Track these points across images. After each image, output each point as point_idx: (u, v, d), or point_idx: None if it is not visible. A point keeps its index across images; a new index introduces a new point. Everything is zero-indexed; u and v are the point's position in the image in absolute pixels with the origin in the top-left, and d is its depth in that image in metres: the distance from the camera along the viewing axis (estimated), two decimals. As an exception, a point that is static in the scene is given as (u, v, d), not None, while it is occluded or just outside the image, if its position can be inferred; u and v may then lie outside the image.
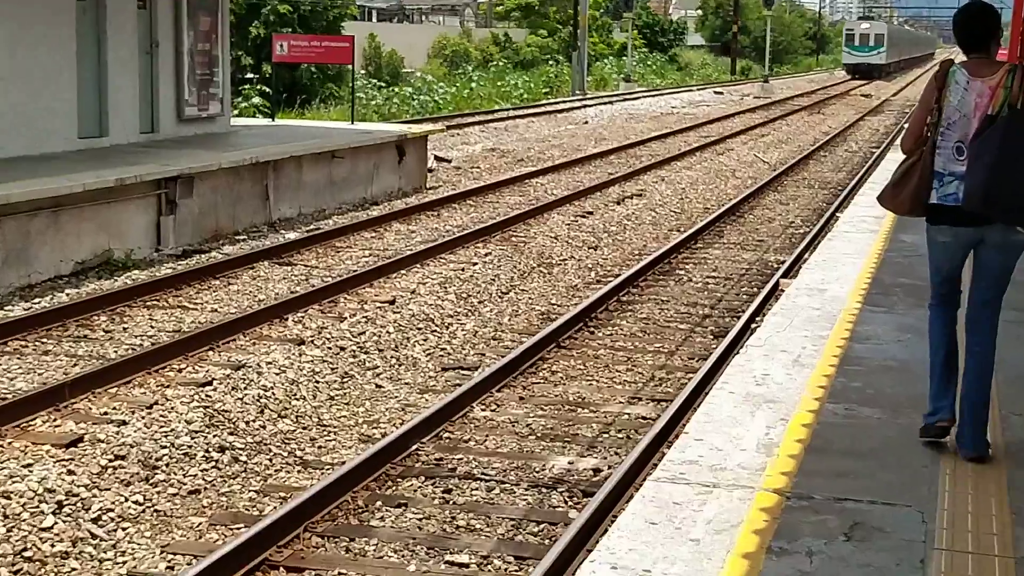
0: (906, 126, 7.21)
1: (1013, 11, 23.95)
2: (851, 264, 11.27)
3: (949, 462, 6.17)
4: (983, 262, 6.43)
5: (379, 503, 8.04)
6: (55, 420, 9.30)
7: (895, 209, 6.81)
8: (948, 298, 6.67)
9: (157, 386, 10.20)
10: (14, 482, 8.00)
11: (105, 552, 7.32)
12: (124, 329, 12.16)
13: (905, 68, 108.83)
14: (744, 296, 14.49)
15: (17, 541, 7.28)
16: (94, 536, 7.48)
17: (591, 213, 20.14)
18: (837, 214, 18.15)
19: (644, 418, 9.89)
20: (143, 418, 9.37)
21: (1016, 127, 6.02)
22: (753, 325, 11.90)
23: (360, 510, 7.94)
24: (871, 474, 5.97)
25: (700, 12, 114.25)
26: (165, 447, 8.83)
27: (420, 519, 7.84)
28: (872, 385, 7.41)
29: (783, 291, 11.24)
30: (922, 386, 6.64)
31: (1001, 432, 6.63)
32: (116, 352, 11.25)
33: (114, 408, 9.62)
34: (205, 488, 8.32)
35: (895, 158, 20.72)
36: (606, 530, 6.95)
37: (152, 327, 12.26)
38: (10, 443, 8.73)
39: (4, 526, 7.42)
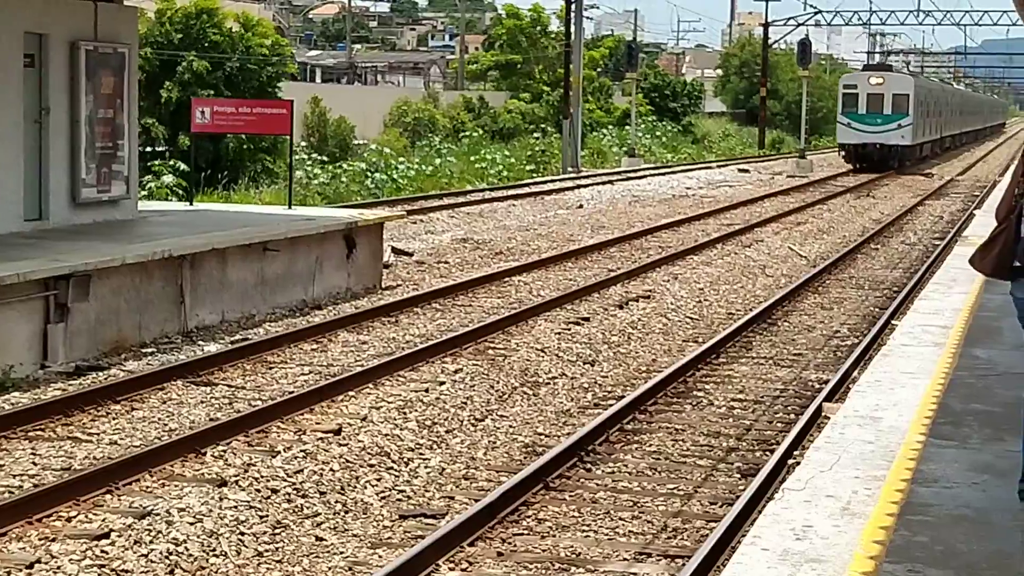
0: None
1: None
2: (912, 386, 11.19)
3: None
4: None
5: None
6: (-92, 585, 9.17)
7: (981, 269, 8.45)
8: None
9: (40, 539, 10.05)
10: None
11: None
12: (0, 467, 12.03)
13: (951, 149, 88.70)
14: (779, 425, 14.38)
15: None
16: None
17: (587, 320, 20.11)
18: (893, 322, 18.15)
19: (655, 580, 9.78)
20: (22, 581, 9.24)
21: None
22: (791, 462, 11.83)
23: None
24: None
25: (720, 72, 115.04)
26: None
27: None
28: (941, 540, 7.30)
29: (828, 419, 11.16)
30: (1008, 542, 6.97)
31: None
32: (-12, 496, 11.11)
33: (-15, 569, 9.49)
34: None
35: (965, 253, 20.86)
36: None
37: (35, 463, 12.09)
38: None
39: None
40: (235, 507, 10.99)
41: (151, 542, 10.09)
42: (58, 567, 9.50)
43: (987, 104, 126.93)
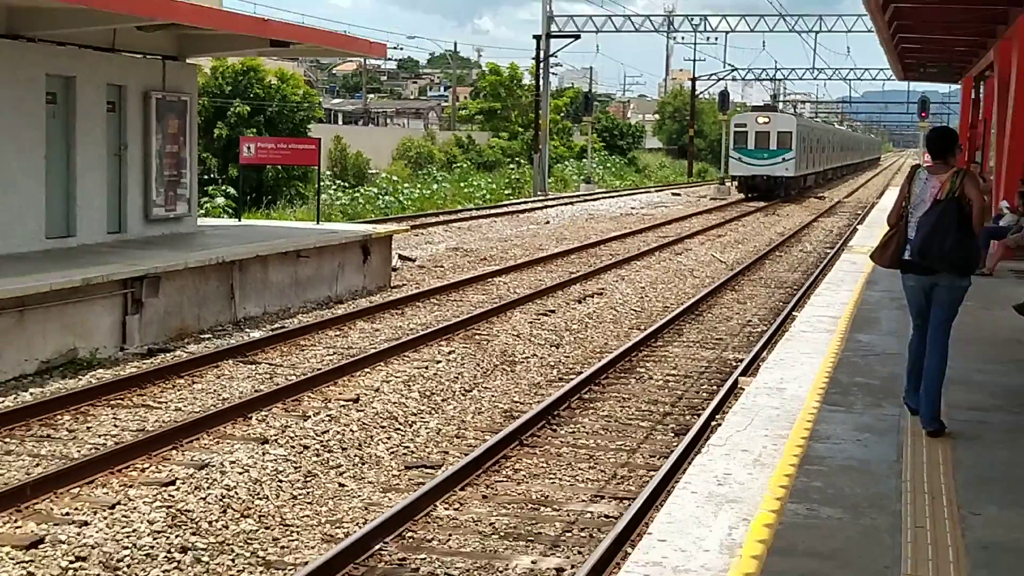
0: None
1: (959, 129, 24.51)
2: (809, 363, 11.24)
3: (910, 565, 6.09)
4: (937, 298, 8.91)
5: (341, 604, 7.89)
6: (16, 521, 9.14)
7: (881, 263, 9.37)
8: (921, 327, 9.12)
9: (120, 486, 10.05)
10: (-27, 585, 7.80)
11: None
12: (88, 428, 12.00)
13: (834, 179, 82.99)
14: (704, 394, 14.42)
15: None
16: (52, 640, 7.29)
17: (553, 312, 20.13)
18: (794, 314, 18.20)
19: (607, 517, 9.78)
20: (105, 519, 9.23)
21: (948, 208, 8.59)
22: (713, 423, 11.86)
23: (322, 612, 7.78)
24: (834, 575, 5.88)
25: (657, 116, 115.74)
26: (127, 548, 8.68)
27: (383, 621, 7.69)
28: (832, 485, 7.35)
29: (742, 390, 11.20)
30: (882, 486, 7.14)
31: (962, 534, 6.56)
32: (79, 452, 11.09)
33: (76, 509, 9.47)
34: (166, 590, 8.16)
35: (850, 259, 20.92)
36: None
37: (116, 426, 12.10)
38: (-30, 545, 8.55)
39: (-40, 630, 7.22)
40: (274, 460, 11.02)
41: (208, 487, 10.11)
42: (134, 508, 9.50)
43: (865, 142, 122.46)
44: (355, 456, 11.43)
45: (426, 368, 15.15)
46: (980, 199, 8.76)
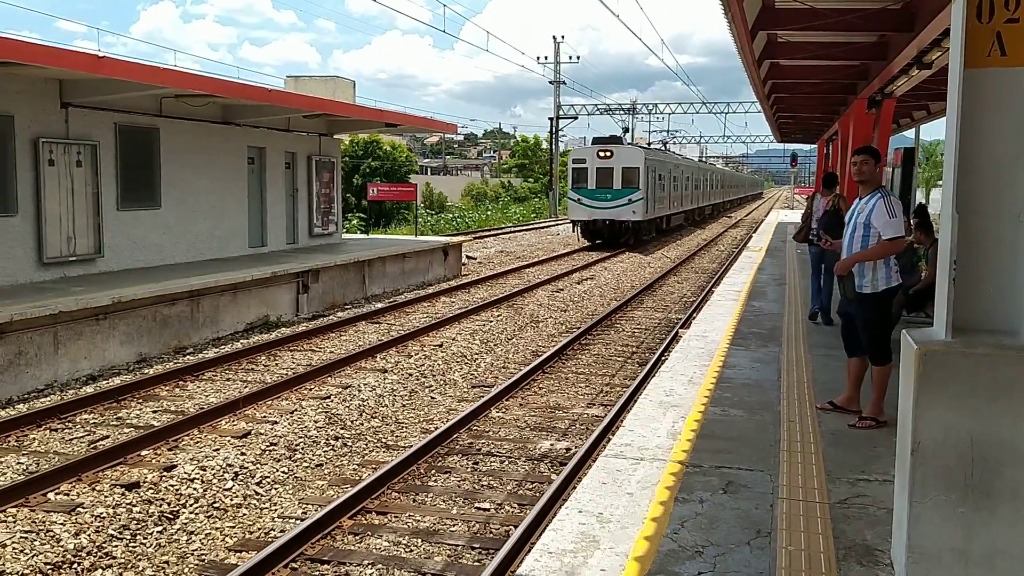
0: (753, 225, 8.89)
1: (817, 164, 24.03)
2: (722, 320, 11.21)
3: (786, 444, 6.08)
4: (827, 259, 10.11)
5: (433, 471, 7.94)
6: (233, 421, 9.25)
7: (796, 239, 11.82)
8: (817, 269, 10.97)
9: (296, 399, 10.15)
10: (208, 459, 7.91)
11: (263, 504, 7.23)
12: (276, 364, 12.11)
13: (714, 215, 55.01)
14: (657, 340, 14.40)
15: (210, 496, 7.19)
16: (257, 494, 7.38)
17: (562, 290, 20.10)
18: (713, 289, 18.10)
19: (597, 416, 9.80)
20: (288, 419, 9.32)
21: (831, 213, 10.28)
22: (663, 358, 11.83)
23: (422, 475, 7.84)
24: (738, 451, 5.89)
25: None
26: (301, 437, 8.77)
27: (459, 481, 7.74)
28: (737, 395, 7.34)
29: (681, 337, 11.18)
30: (768, 396, 7.05)
31: (819, 424, 6.54)
32: (271, 378, 11.19)
33: (270, 413, 9.56)
34: (326, 463, 8.23)
35: (747, 256, 20.69)
36: (575, 487, 6.84)
37: (293, 362, 12.21)
38: (205, 435, 8.66)
39: (202, 487, 7.33)
40: (391, 382, 11.07)
41: (351, 399, 10.17)
42: (305, 413, 9.57)
43: (748, 180, 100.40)
44: (441, 380, 11.49)
45: (483, 325, 15.19)
46: (846, 208, 10.23)
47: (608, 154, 31.46)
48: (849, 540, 4.51)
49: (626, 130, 45.69)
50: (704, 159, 77.90)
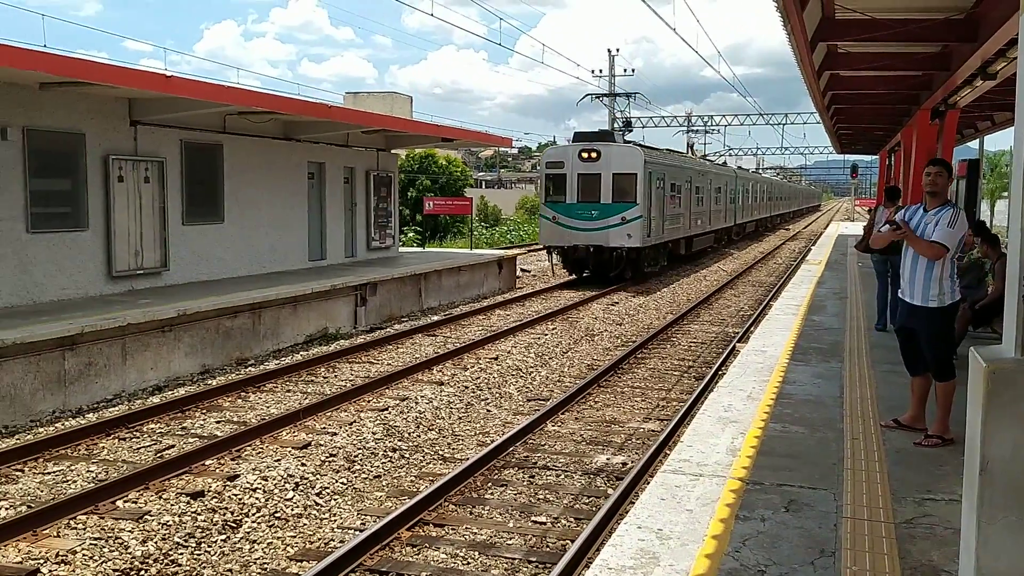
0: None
1: (879, 176, 23.59)
2: (781, 334, 11.07)
3: (849, 462, 5.98)
4: (893, 265, 10.00)
5: (490, 484, 7.97)
6: (294, 432, 9.40)
7: (857, 248, 12.56)
8: (883, 277, 11.11)
9: (355, 411, 10.27)
10: (269, 469, 8.05)
11: (323, 514, 7.32)
12: (335, 376, 12.26)
13: (761, 231, 46.94)
14: (714, 355, 14.26)
15: (272, 506, 7.31)
16: (317, 504, 7.49)
17: (617, 303, 20.02)
18: (771, 303, 17.87)
19: (653, 431, 9.73)
20: (347, 431, 9.43)
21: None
22: (720, 373, 11.72)
23: (478, 488, 7.87)
24: (800, 468, 5.81)
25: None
26: (359, 449, 8.86)
27: (515, 494, 7.75)
28: (798, 411, 7.24)
29: (739, 351, 11.06)
30: (830, 412, 6.94)
31: (883, 442, 6.42)
32: (330, 390, 11.33)
33: (329, 424, 9.69)
34: (384, 474, 8.31)
35: (805, 269, 20.40)
36: (632, 503, 6.81)
37: (352, 374, 12.35)
38: (267, 446, 8.82)
39: (264, 497, 7.46)
40: (447, 395, 11.14)
41: (408, 412, 10.26)
42: (363, 424, 9.68)
43: (802, 192, 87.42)
44: (496, 392, 11.53)
45: (538, 338, 15.20)
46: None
47: (594, 155, 22.39)
48: (915, 561, 4.42)
49: (628, 123, 33.81)
50: (759, 170, 71.39)
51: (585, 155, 22.48)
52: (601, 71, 48.76)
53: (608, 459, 8.72)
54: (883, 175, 38.60)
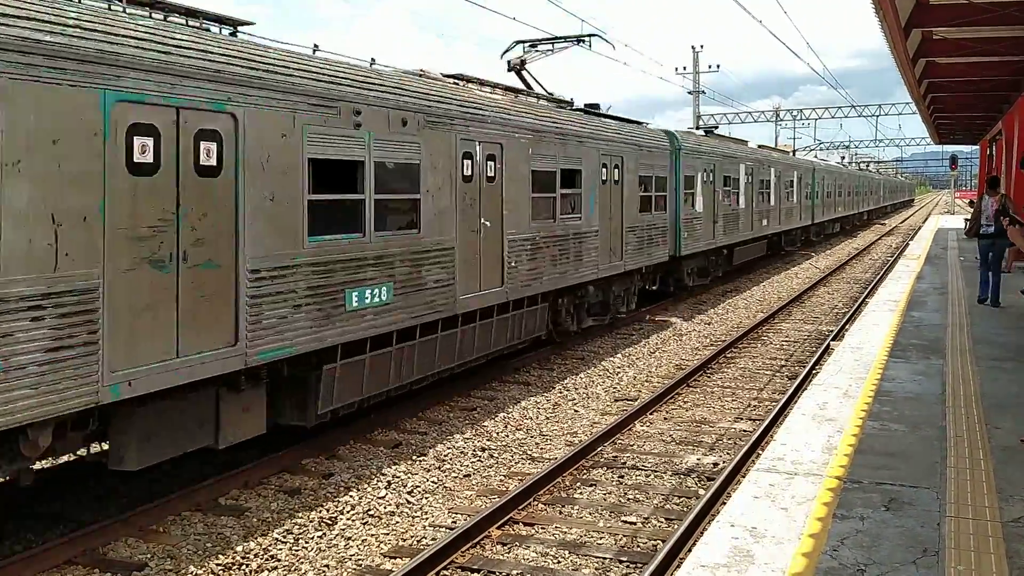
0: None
1: (980, 167, 22.73)
2: (878, 331, 10.77)
3: (953, 460, 5.79)
4: (996, 252, 12.47)
5: (578, 484, 7.98)
6: (386, 432, 9.58)
7: (968, 234, 13.92)
8: (985, 259, 12.68)
9: (444, 411, 10.40)
10: (362, 468, 8.24)
11: (415, 512, 7.45)
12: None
13: (844, 230, 42.85)
14: (807, 352, 13.94)
15: (365, 504, 7.48)
16: (408, 502, 7.62)
17: (705, 302, 19.75)
18: (867, 300, 17.39)
19: (745, 431, 9.59)
20: (436, 431, 9.58)
21: (999, 212, 12.06)
22: (814, 371, 11.47)
23: (567, 488, 7.89)
24: (900, 467, 5.66)
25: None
26: (449, 448, 8.98)
27: (604, 494, 7.74)
28: (898, 409, 7.04)
29: (833, 349, 10.81)
30: (931, 410, 6.79)
31: (988, 439, 6.19)
32: (419, 390, 11.48)
33: (419, 425, 9.85)
34: (473, 473, 8.41)
35: (903, 264, 19.80)
36: (724, 503, 6.73)
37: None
38: (360, 446, 9.02)
39: (358, 495, 7.64)
40: (534, 395, 11.19)
41: (496, 412, 10.31)
42: (453, 424, 9.71)
43: (891, 184, 75.13)
44: (583, 393, 11.52)
45: (625, 338, 15.12)
46: (1013, 205, 13.07)
47: None
48: (1025, 562, 4.26)
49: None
50: (849, 163, 62.93)
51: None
52: (685, 68, 48.12)
53: (699, 459, 8.63)
54: (983, 165, 37.10)
